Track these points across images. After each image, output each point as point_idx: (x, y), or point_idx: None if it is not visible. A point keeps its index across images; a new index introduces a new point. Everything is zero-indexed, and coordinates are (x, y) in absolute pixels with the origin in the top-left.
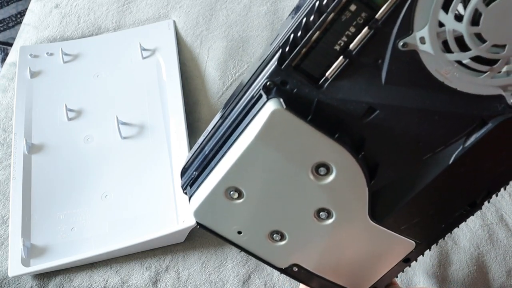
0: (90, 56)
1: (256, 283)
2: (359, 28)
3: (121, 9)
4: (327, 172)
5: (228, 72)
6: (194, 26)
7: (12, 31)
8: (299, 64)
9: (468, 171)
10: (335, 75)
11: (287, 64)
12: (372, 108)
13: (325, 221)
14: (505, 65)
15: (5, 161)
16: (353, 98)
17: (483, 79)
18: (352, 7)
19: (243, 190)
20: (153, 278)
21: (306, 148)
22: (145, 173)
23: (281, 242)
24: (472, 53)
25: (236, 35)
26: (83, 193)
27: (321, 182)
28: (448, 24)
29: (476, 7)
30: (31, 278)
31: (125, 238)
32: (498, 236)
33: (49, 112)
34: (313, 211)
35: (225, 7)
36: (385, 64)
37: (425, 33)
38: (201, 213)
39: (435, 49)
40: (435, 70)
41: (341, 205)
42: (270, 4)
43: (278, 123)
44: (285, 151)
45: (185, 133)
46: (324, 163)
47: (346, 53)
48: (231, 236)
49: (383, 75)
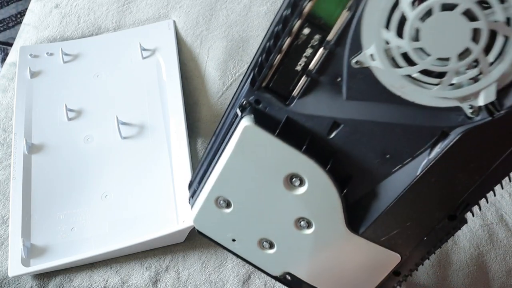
0: (90, 56)
1: (256, 283)
2: (315, 49)
3: (121, 9)
4: (301, 183)
5: (228, 72)
6: (194, 26)
7: (12, 31)
8: (268, 84)
9: (439, 182)
10: (300, 93)
11: (257, 85)
12: (337, 123)
13: (305, 230)
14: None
15: (5, 161)
16: (318, 114)
17: (435, 92)
18: (305, 31)
19: (230, 200)
20: (153, 278)
21: (276, 160)
22: (145, 173)
23: (270, 250)
24: (419, 67)
25: (236, 35)
26: (83, 193)
27: (296, 193)
28: (392, 41)
29: (413, 23)
30: (31, 278)
31: (125, 238)
32: (498, 236)
33: (49, 112)
34: (293, 220)
35: (225, 7)
36: (344, 81)
37: (373, 51)
38: (199, 221)
39: (385, 65)
40: (390, 85)
41: (318, 215)
42: (270, 4)
43: (250, 137)
44: (259, 163)
45: (185, 133)
46: (296, 174)
47: (307, 72)
48: (227, 243)
49: (344, 91)
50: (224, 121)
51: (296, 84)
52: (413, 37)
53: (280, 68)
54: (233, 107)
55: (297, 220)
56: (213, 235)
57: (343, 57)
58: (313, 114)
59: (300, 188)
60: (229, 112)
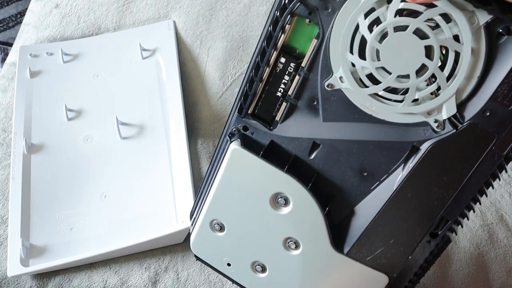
0: (90, 56)
1: None
2: (292, 76)
3: (121, 9)
4: (286, 202)
5: (228, 72)
6: (194, 26)
7: (12, 31)
8: (254, 111)
9: (415, 197)
10: (282, 117)
11: (244, 113)
12: (316, 143)
13: (294, 251)
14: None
15: (5, 161)
16: (299, 136)
17: (401, 108)
18: (282, 60)
19: (223, 223)
20: (152, 278)
21: (262, 180)
22: (145, 174)
23: (263, 274)
24: (382, 86)
25: (236, 35)
26: (82, 193)
27: (281, 212)
28: (356, 63)
29: (372, 44)
30: (30, 278)
31: (125, 238)
32: (498, 236)
33: (48, 112)
34: (281, 240)
35: (225, 7)
36: (319, 104)
37: (342, 73)
38: (196, 246)
39: (353, 86)
40: (361, 104)
41: (303, 234)
42: (270, 4)
43: (237, 159)
44: (246, 184)
45: (184, 134)
46: (281, 194)
47: (287, 98)
48: (223, 268)
49: (320, 113)
50: (217, 150)
51: (278, 109)
52: (374, 57)
53: (262, 95)
54: (225, 136)
55: (285, 240)
56: (209, 260)
57: (317, 81)
58: (294, 137)
59: (285, 207)
60: (221, 141)
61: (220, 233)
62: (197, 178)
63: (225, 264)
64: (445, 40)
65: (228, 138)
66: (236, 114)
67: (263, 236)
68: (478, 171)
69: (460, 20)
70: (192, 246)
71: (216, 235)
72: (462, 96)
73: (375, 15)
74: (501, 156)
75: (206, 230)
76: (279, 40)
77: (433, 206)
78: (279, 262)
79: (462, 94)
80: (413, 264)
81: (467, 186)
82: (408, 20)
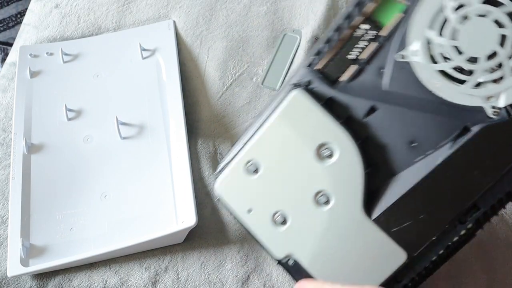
0: (90, 56)
1: (255, 283)
2: (368, 42)
3: (121, 9)
4: (330, 155)
5: (228, 72)
6: (194, 26)
7: (12, 31)
8: (323, 69)
9: (456, 176)
10: (348, 79)
11: (313, 67)
12: (373, 108)
13: (323, 206)
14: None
15: (5, 161)
16: (359, 97)
17: (463, 88)
18: (365, 26)
19: (260, 164)
20: (152, 278)
21: (315, 127)
22: (145, 174)
23: (282, 226)
24: (453, 63)
25: (236, 35)
26: (82, 193)
27: (323, 164)
28: (434, 39)
29: (454, 25)
30: (30, 278)
31: (125, 238)
32: (498, 236)
33: (48, 112)
34: (313, 193)
35: (225, 7)
36: (386, 72)
37: (417, 47)
38: (222, 186)
39: (424, 60)
40: (426, 79)
41: (338, 189)
42: (270, 4)
43: (297, 103)
44: (298, 129)
45: (184, 134)
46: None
47: (358, 61)
48: (242, 213)
49: (384, 81)
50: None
51: (345, 70)
52: (451, 36)
53: (336, 55)
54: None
55: (316, 193)
56: (231, 202)
57: (389, 51)
58: (354, 98)
59: (329, 159)
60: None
61: (252, 175)
62: (197, 178)
63: (246, 209)
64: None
65: (292, 88)
66: (305, 68)
67: (296, 185)
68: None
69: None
70: (217, 187)
71: (247, 177)
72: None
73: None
74: None
75: (239, 171)
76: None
77: (470, 190)
78: (304, 216)
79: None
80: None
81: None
82: (491, 8)
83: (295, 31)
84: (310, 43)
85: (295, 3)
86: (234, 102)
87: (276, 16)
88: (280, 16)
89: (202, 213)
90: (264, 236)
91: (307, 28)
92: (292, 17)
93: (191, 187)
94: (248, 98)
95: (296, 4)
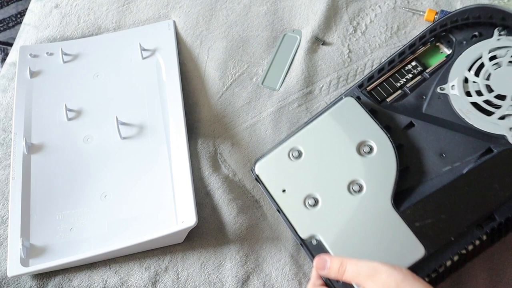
0: (90, 56)
1: (255, 283)
2: (414, 75)
3: (121, 9)
4: (369, 151)
5: (228, 72)
6: (194, 26)
7: (12, 31)
8: (370, 90)
9: (478, 185)
10: (392, 100)
11: (363, 88)
12: (412, 123)
13: (355, 194)
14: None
15: (5, 161)
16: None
17: (490, 118)
18: (413, 63)
19: (304, 152)
20: (152, 278)
21: (360, 126)
22: (145, 174)
23: (312, 208)
24: (484, 97)
25: (236, 35)
26: (82, 193)
27: (362, 158)
28: (471, 78)
29: (488, 68)
30: (30, 278)
31: (124, 238)
32: None
33: (48, 112)
34: (348, 181)
35: (225, 7)
36: (426, 99)
37: (456, 83)
38: (262, 167)
39: (460, 93)
40: (459, 109)
41: (372, 181)
42: (270, 4)
43: (347, 106)
44: (344, 126)
45: (184, 134)
46: (369, 143)
47: (403, 88)
48: (276, 193)
49: (424, 105)
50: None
51: (391, 94)
52: (485, 77)
53: (385, 81)
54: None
55: (351, 182)
56: (268, 182)
57: (431, 84)
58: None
59: (367, 155)
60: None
61: (293, 160)
62: (197, 178)
63: (280, 189)
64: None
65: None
66: (356, 87)
67: (333, 173)
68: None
69: None
70: (257, 166)
71: (288, 162)
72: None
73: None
74: None
75: (283, 155)
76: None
77: (489, 200)
78: (335, 201)
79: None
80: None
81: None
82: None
83: (295, 31)
84: (310, 43)
85: (295, 3)
86: (234, 102)
87: (276, 16)
88: (280, 16)
89: (202, 213)
90: (293, 216)
91: (307, 28)
92: (292, 17)
93: (191, 187)
94: (248, 98)
95: (296, 4)
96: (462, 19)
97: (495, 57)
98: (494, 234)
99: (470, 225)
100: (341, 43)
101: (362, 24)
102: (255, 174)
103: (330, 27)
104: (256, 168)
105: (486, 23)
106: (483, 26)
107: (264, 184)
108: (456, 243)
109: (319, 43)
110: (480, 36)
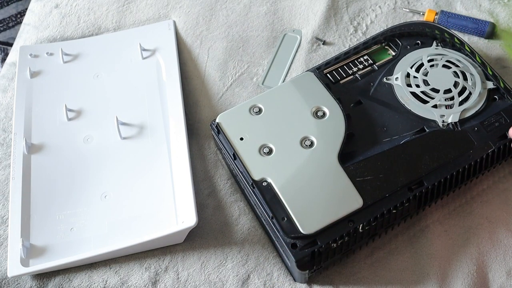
0: (90, 56)
1: (255, 283)
2: (365, 66)
3: (121, 9)
4: (322, 115)
5: (228, 73)
6: (194, 26)
7: (12, 31)
8: (326, 73)
9: (412, 154)
10: (345, 83)
11: (321, 71)
12: (360, 101)
13: (306, 148)
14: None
15: (5, 161)
16: (351, 93)
17: (425, 106)
18: (365, 57)
19: (263, 109)
20: (152, 278)
21: (316, 95)
22: (145, 174)
23: (266, 156)
24: (421, 89)
25: (236, 35)
26: (82, 193)
27: (316, 120)
28: (412, 73)
29: (426, 68)
30: (30, 278)
31: (125, 238)
32: (498, 236)
33: (48, 112)
34: (301, 137)
35: (225, 7)
36: (374, 86)
37: (399, 76)
38: (224, 118)
39: (402, 84)
40: (400, 97)
41: (323, 139)
42: (270, 4)
43: (307, 78)
44: (303, 92)
45: (184, 134)
46: (322, 109)
47: (355, 75)
48: (234, 139)
49: (371, 90)
50: None
51: (344, 77)
52: (423, 74)
53: (340, 67)
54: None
55: (304, 138)
56: (228, 130)
57: (379, 75)
58: (347, 92)
59: (321, 118)
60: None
61: (254, 114)
62: (199, 179)
63: (238, 137)
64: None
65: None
66: (315, 69)
67: (288, 128)
68: (456, 162)
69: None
70: (220, 117)
71: (249, 115)
72: (465, 115)
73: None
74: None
75: (244, 109)
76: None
77: (419, 167)
78: (288, 151)
79: (465, 114)
80: (385, 203)
81: (447, 165)
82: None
83: (295, 31)
84: (310, 43)
85: (295, 3)
86: (235, 102)
87: (276, 16)
88: (280, 16)
89: (203, 213)
90: (247, 160)
91: (307, 28)
92: (292, 17)
93: (191, 187)
94: (248, 98)
95: (296, 4)
96: (410, 29)
97: (432, 60)
98: (421, 197)
99: (403, 186)
100: (342, 43)
101: (362, 24)
102: (215, 123)
103: (331, 27)
104: (217, 118)
105: (428, 35)
106: (425, 37)
107: (224, 131)
108: (390, 200)
109: (319, 43)
110: (422, 44)
